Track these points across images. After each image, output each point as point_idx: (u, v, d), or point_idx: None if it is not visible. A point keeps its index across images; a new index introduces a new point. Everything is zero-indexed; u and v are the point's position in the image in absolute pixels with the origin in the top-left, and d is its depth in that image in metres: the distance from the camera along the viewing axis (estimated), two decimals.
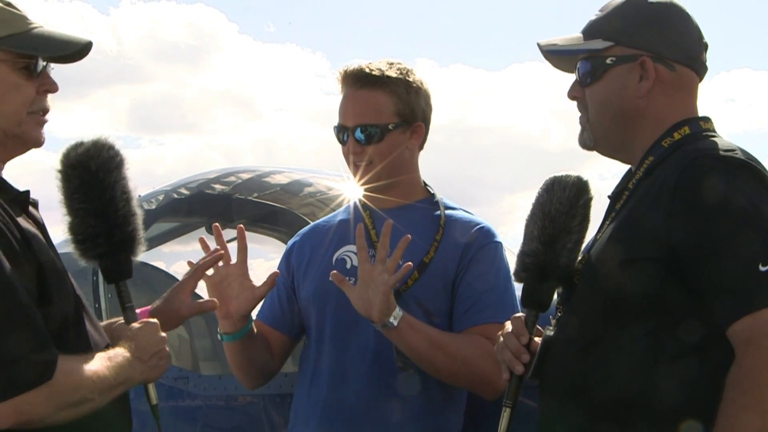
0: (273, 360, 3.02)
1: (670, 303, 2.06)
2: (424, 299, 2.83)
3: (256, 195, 4.44)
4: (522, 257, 2.30)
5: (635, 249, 2.09)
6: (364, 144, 2.86)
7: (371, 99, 2.87)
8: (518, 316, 2.36)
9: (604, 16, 2.31)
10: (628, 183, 2.27)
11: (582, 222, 2.28)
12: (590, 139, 2.31)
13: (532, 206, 2.31)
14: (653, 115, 2.25)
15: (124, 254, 2.31)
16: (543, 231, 2.25)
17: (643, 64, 2.24)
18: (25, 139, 2.19)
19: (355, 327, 2.83)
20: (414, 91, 2.90)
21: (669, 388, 2.05)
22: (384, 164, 2.87)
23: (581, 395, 2.16)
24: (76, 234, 2.27)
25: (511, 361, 2.30)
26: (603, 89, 2.27)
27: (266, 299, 3.01)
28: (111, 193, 2.27)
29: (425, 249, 2.85)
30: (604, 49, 2.27)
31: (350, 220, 2.99)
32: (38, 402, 1.97)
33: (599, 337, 2.15)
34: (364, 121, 2.85)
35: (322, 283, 2.90)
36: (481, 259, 2.86)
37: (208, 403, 3.82)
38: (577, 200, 2.27)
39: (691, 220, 2.03)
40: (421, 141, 2.95)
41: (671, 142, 2.22)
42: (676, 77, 2.25)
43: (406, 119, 2.89)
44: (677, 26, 2.28)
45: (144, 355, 2.22)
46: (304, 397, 2.93)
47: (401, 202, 2.94)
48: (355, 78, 2.88)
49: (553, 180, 2.30)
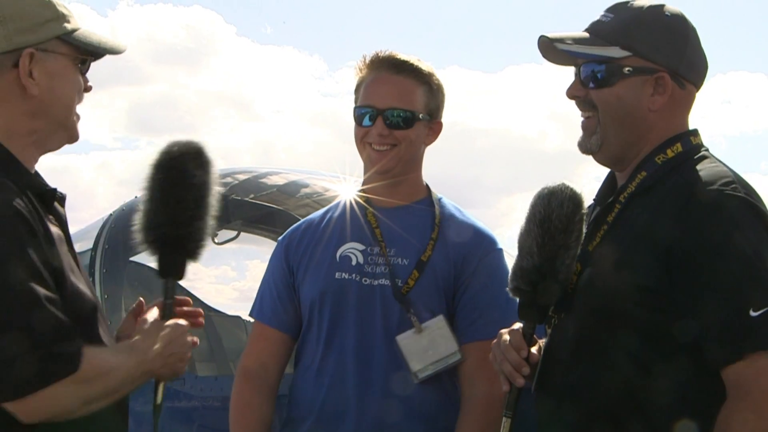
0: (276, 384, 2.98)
1: (663, 306, 2.07)
2: (428, 298, 2.83)
3: (252, 196, 4.44)
4: (519, 272, 2.28)
5: (640, 275, 2.09)
6: (392, 128, 2.83)
7: (406, 85, 2.86)
8: (516, 328, 2.35)
9: (620, 21, 2.27)
10: (619, 195, 2.27)
11: (578, 237, 2.26)
12: (597, 144, 2.29)
13: (528, 220, 2.27)
14: (658, 130, 2.25)
15: (181, 254, 2.32)
16: (542, 248, 2.23)
17: (660, 79, 2.23)
18: (71, 133, 2.24)
19: (363, 326, 2.82)
20: (441, 89, 2.93)
21: (660, 390, 2.06)
22: (405, 152, 2.85)
23: (576, 396, 2.17)
24: (148, 220, 2.27)
25: (512, 374, 2.29)
26: (615, 96, 2.25)
27: (266, 301, 2.99)
28: (187, 194, 2.29)
29: (423, 248, 2.85)
30: (622, 58, 2.25)
31: (350, 216, 2.95)
32: (66, 394, 1.97)
33: (592, 339, 2.16)
34: (398, 104, 2.84)
35: (328, 281, 2.87)
36: (485, 269, 2.86)
37: (205, 404, 3.82)
38: (574, 216, 2.25)
39: (693, 256, 2.04)
40: (435, 140, 2.96)
41: (664, 159, 2.23)
42: (684, 95, 2.27)
43: (431, 113, 2.90)
44: (693, 45, 2.28)
45: (166, 352, 2.21)
46: (307, 396, 2.89)
47: (401, 202, 2.92)
48: (391, 62, 2.87)
49: (549, 194, 2.27)
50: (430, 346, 2.78)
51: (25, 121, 2.15)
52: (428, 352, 2.78)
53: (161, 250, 2.31)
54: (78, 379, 1.97)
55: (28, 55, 2.11)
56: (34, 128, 2.17)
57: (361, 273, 2.85)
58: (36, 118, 2.16)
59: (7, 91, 2.12)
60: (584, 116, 2.32)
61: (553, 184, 2.27)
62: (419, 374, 2.78)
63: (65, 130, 2.23)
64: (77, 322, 2.06)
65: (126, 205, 4.51)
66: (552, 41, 2.30)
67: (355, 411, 2.79)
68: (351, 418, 2.79)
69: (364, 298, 2.83)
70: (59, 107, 2.18)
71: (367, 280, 2.85)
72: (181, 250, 2.32)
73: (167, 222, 2.27)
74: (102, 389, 2.04)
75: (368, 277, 2.85)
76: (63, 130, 2.23)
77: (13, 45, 2.11)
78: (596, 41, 2.28)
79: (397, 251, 2.86)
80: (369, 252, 2.88)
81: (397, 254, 2.86)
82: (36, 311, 1.94)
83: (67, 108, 2.20)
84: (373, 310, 2.83)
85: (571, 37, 2.31)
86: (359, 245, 2.89)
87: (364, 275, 2.85)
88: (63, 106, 2.19)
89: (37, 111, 2.15)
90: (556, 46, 2.30)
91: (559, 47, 2.30)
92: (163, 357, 2.20)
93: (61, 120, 2.20)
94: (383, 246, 2.86)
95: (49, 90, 2.15)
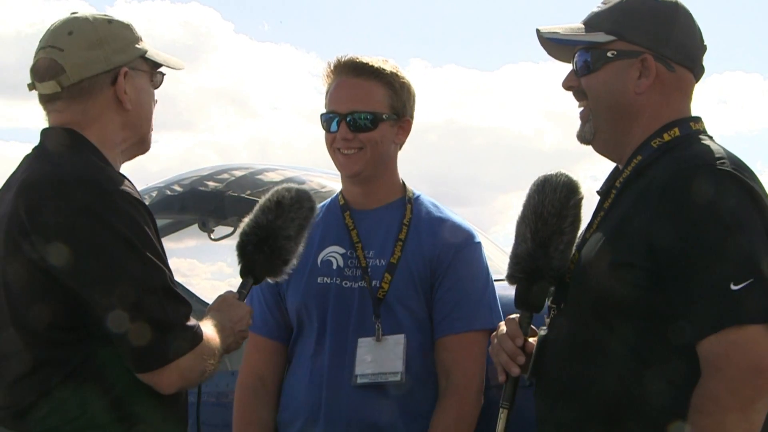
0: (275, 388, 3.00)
1: (657, 305, 2.05)
2: (407, 299, 2.85)
3: (249, 192, 4.44)
4: (514, 259, 2.29)
5: (622, 253, 2.08)
6: (356, 131, 2.84)
7: (366, 87, 2.87)
8: (512, 317, 2.35)
9: (609, 8, 2.28)
10: (615, 181, 2.27)
11: (573, 222, 2.27)
12: (590, 132, 2.29)
13: (523, 207, 2.30)
14: (648, 114, 2.24)
15: (267, 264, 2.56)
16: (535, 234, 2.24)
17: (644, 61, 2.21)
18: (147, 146, 2.53)
19: (344, 328, 2.85)
20: (406, 87, 2.93)
21: (656, 389, 2.04)
22: (373, 153, 2.86)
23: (571, 395, 2.17)
24: (249, 232, 2.56)
25: (507, 363, 2.29)
26: (601, 82, 2.25)
27: (255, 309, 2.98)
28: (288, 224, 2.56)
29: (393, 249, 2.87)
30: (606, 43, 2.24)
31: (330, 220, 2.97)
32: (194, 365, 2.24)
33: (588, 337, 2.15)
34: (359, 107, 2.85)
35: (310, 286, 2.90)
36: (459, 263, 2.87)
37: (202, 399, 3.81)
38: (568, 201, 2.25)
39: (674, 229, 2.01)
40: (406, 138, 2.96)
41: (660, 143, 2.21)
42: (674, 78, 2.24)
43: (396, 112, 2.90)
44: (681, 27, 2.25)
45: (236, 326, 2.46)
46: (294, 401, 2.91)
47: (376, 203, 2.94)
48: (351, 66, 2.88)
49: (543, 180, 2.29)
50: (378, 357, 2.81)
51: (118, 132, 2.41)
52: (375, 362, 2.81)
53: (257, 254, 2.55)
54: (198, 352, 2.24)
55: (124, 73, 2.38)
56: (125, 138, 2.43)
57: (342, 276, 2.88)
58: (126, 129, 2.42)
59: (105, 106, 2.38)
60: (579, 106, 2.32)
61: (550, 172, 2.29)
62: (358, 379, 2.81)
63: (144, 141, 2.50)
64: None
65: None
66: (543, 34, 2.31)
67: (330, 412, 2.81)
68: (333, 420, 2.80)
69: (343, 302, 2.86)
70: (144, 119, 2.47)
71: (347, 283, 2.87)
72: (275, 258, 2.56)
73: (276, 231, 2.55)
74: (212, 363, 2.30)
75: (348, 280, 2.88)
76: (143, 142, 2.50)
77: (111, 65, 2.37)
78: (586, 30, 2.28)
79: (375, 253, 2.89)
80: (348, 255, 2.90)
81: (376, 256, 2.88)
82: (167, 292, 2.22)
83: (148, 120, 2.49)
84: (350, 312, 2.85)
85: (564, 28, 2.32)
86: (339, 248, 2.92)
87: (344, 278, 2.88)
88: (146, 118, 2.48)
89: (127, 123, 2.42)
90: (544, 36, 2.30)
91: (546, 37, 2.30)
92: (233, 331, 2.45)
93: (144, 131, 2.48)
94: (359, 248, 2.88)
95: (138, 104, 2.42)
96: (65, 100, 2.36)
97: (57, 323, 2.21)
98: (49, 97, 2.39)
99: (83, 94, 2.36)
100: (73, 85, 2.35)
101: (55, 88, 2.35)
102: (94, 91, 2.36)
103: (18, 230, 2.21)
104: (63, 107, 2.37)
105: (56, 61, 2.35)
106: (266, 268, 2.56)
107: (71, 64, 2.34)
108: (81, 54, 2.35)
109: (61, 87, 2.35)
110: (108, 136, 2.39)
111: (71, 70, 2.35)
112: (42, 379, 2.21)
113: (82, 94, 2.36)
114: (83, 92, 2.36)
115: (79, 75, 2.35)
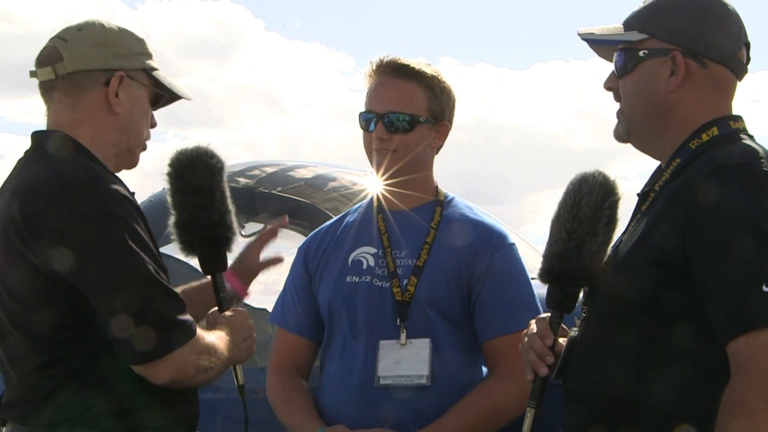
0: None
1: (665, 306, 2.03)
2: (438, 302, 2.84)
3: (280, 189, 4.45)
4: (547, 259, 2.29)
5: (653, 252, 2.06)
6: (393, 132, 2.84)
7: (407, 89, 2.87)
8: (543, 317, 2.35)
9: (644, 7, 2.25)
10: (655, 184, 2.24)
11: (608, 224, 2.25)
12: (624, 131, 2.27)
13: (559, 206, 2.28)
14: (682, 112, 2.20)
15: (223, 248, 2.60)
16: (570, 234, 2.23)
17: (674, 58, 2.18)
18: (134, 159, 2.52)
19: (372, 328, 2.85)
20: (446, 92, 2.92)
21: (663, 391, 2.02)
22: (408, 156, 2.86)
23: (584, 397, 2.16)
24: (184, 227, 2.55)
25: (536, 363, 2.29)
26: (635, 82, 2.23)
27: (288, 308, 3.03)
28: (213, 192, 2.54)
29: (419, 252, 2.87)
30: (639, 41, 2.22)
31: (363, 220, 2.99)
32: (188, 359, 2.28)
33: (605, 338, 2.14)
34: (397, 108, 2.85)
35: (339, 285, 2.91)
36: (496, 266, 2.86)
37: (230, 396, 3.82)
38: (604, 202, 2.24)
39: (704, 231, 1.98)
40: (443, 142, 2.96)
41: (698, 143, 2.17)
42: (708, 75, 2.19)
43: (435, 116, 2.89)
44: (714, 22, 2.20)
45: (238, 339, 2.50)
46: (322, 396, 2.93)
47: (409, 205, 2.94)
48: (392, 67, 2.88)
49: (581, 179, 2.27)
50: (403, 360, 2.81)
51: (110, 133, 2.43)
52: (399, 364, 2.81)
53: (203, 249, 2.57)
54: (192, 346, 2.29)
55: (119, 76, 2.40)
56: (117, 141, 2.44)
57: (372, 275, 2.88)
58: (118, 132, 2.44)
59: (96, 104, 2.41)
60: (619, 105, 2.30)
61: (588, 171, 2.27)
62: (381, 380, 2.81)
63: (132, 154, 2.50)
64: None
65: (154, 197, 4.53)
66: (580, 35, 2.30)
67: (353, 412, 2.81)
68: (355, 420, 2.79)
69: (372, 300, 2.86)
70: (132, 131, 2.46)
71: (378, 281, 2.88)
72: (221, 246, 2.58)
73: (210, 222, 2.53)
74: (211, 361, 2.35)
75: (378, 279, 2.88)
76: (131, 153, 2.50)
77: (109, 65, 2.40)
78: (625, 30, 2.26)
79: (406, 253, 2.89)
80: (380, 255, 2.91)
81: (407, 256, 2.89)
82: (160, 288, 2.27)
83: (138, 134, 2.48)
84: (378, 312, 2.85)
85: (601, 29, 2.30)
86: (371, 249, 2.93)
87: (375, 277, 2.88)
88: (135, 131, 2.47)
89: (118, 127, 2.43)
90: (580, 36, 2.29)
91: (582, 38, 2.29)
92: (236, 344, 2.49)
93: (132, 143, 2.48)
94: (389, 250, 2.88)
95: (129, 112, 2.43)
96: (59, 91, 2.40)
97: (61, 325, 2.25)
98: (46, 88, 2.42)
99: (75, 87, 2.39)
100: (68, 74, 2.38)
101: (51, 75, 2.39)
102: (86, 86, 2.39)
103: (16, 235, 2.24)
104: (57, 100, 2.40)
105: (57, 49, 2.40)
106: (221, 252, 2.60)
107: (70, 54, 2.38)
108: (83, 48, 2.39)
109: (55, 75, 2.38)
110: (99, 136, 2.41)
111: (68, 59, 2.38)
112: (46, 380, 2.26)
113: (74, 86, 2.39)
114: (76, 85, 2.39)
115: (74, 66, 2.38)
